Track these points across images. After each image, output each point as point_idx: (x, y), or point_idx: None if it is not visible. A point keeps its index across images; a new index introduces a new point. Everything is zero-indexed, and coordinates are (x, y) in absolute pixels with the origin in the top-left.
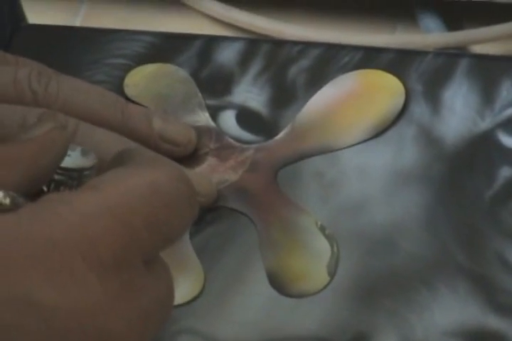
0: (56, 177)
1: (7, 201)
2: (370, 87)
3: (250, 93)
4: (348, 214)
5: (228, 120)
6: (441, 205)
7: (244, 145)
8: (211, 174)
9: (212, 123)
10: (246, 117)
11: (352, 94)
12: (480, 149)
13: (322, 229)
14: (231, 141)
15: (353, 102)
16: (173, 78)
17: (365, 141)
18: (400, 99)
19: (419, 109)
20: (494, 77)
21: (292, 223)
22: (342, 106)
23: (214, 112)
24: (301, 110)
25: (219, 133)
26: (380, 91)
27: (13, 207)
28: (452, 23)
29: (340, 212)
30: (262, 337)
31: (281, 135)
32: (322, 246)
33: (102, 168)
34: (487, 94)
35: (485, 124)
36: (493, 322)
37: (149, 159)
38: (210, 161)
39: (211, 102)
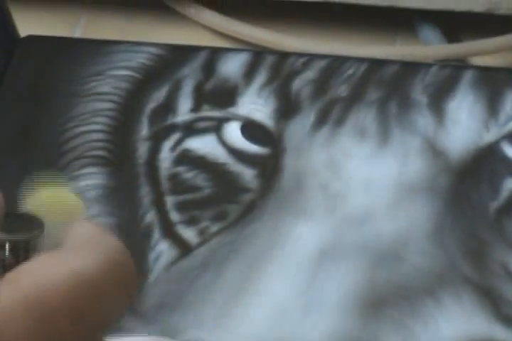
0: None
1: None
2: None
3: (255, 104)
4: (354, 226)
5: (233, 131)
6: (447, 217)
7: None
8: None
9: None
10: (251, 129)
11: None
12: (485, 161)
13: None
14: None
15: None
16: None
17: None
18: None
19: (424, 121)
20: (498, 88)
21: None
22: None
23: (219, 124)
24: None
25: None
26: None
27: None
28: (450, 34)
29: (346, 224)
30: None
31: None
32: None
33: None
34: (491, 106)
35: (490, 136)
36: (499, 333)
37: (84, 239)
38: None
39: (216, 114)
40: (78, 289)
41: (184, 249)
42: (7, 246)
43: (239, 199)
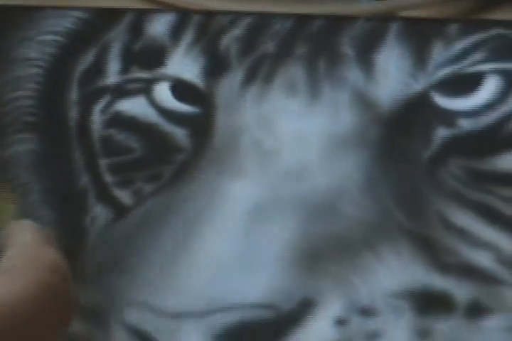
0: None
1: None
2: None
3: (184, 64)
4: (288, 181)
5: (163, 92)
6: (380, 168)
7: None
8: None
9: None
10: (181, 89)
11: None
12: (415, 111)
13: None
14: None
15: None
16: None
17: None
18: None
19: (353, 74)
20: (425, 39)
21: None
22: None
23: (148, 85)
24: None
25: None
26: None
27: None
28: None
29: (280, 179)
30: (208, 306)
31: None
32: None
33: None
34: (419, 56)
35: (419, 86)
36: (438, 282)
37: (21, 254)
38: None
39: (145, 75)
40: (4, 322)
41: (120, 210)
42: None
43: (172, 160)
